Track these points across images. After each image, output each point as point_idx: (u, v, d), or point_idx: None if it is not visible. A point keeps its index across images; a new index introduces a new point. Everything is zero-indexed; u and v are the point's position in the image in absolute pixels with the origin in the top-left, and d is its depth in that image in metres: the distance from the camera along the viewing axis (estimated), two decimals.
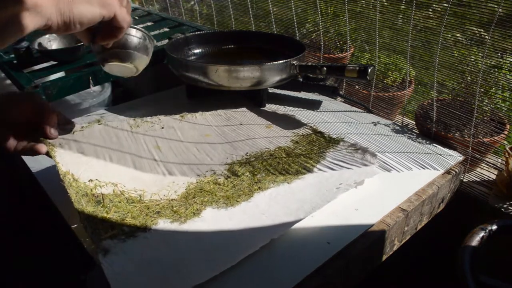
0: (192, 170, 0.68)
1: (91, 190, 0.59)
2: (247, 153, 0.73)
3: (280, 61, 0.83)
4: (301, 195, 0.62)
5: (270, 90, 0.98)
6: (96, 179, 0.61)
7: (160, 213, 0.59)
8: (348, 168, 0.67)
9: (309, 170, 0.68)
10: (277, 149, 0.74)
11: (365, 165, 0.67)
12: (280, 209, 0.59)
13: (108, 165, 0.66)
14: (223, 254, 0.52)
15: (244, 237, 0.55)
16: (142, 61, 0.59)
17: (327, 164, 0.69)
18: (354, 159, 0.69)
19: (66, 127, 0.67)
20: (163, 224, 0.57)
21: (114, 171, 0.65)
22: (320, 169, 0.68)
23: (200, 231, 0.56)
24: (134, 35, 0.57)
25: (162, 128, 0.78)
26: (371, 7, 0.86)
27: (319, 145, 0.75)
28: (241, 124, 0.83)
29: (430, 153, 0.77)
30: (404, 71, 0.92)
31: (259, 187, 0.64)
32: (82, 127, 0.71)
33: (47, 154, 0.61)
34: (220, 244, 0.54)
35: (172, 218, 0.58)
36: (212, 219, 0.58)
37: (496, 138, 0.76)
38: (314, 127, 0.81)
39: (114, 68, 0.59)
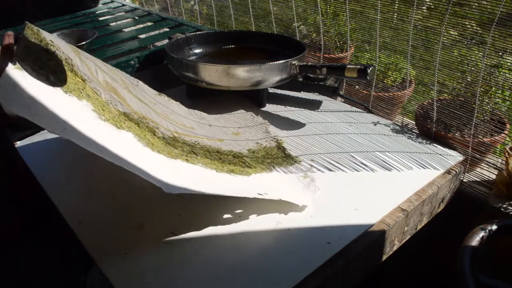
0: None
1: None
2: (196, 141, 0.69)
3: (280, 61, 0.83)
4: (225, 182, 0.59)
5: (270, 90, 0.98)
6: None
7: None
8: (285, 190, 0.63)
9: (246, 174, 0.64)
10: (227, 151, 0.70)
11: (300, 197, 0.63)
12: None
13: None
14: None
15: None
16: None
17: (272, 179, 0.65)
18: (294, 183, 0.66)
19: None
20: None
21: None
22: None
23: None
24: None
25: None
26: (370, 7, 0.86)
27: (274, 159, 0.71)
28: (210, 126, 0.82)
29: (430, 153, 0.77)
30: (404, 71, 0.92)
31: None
32: None
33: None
34: None
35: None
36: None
37: (496, 138, 0.76)
38: (280, 141, 0.77)
39: None
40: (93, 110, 0.52)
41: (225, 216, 0.62)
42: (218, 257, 0.54)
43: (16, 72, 0.47)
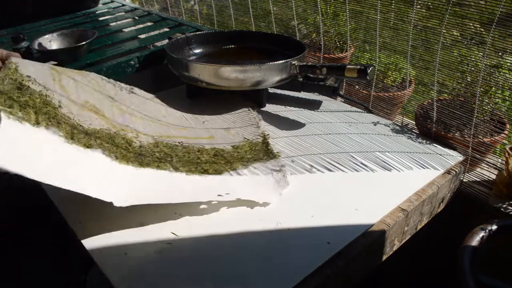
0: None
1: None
2: (180, 142, 0.73)
3: (280, 61, 0.83)
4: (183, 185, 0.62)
5: (270, 90, 0.98)
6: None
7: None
8: (248, 189, 0.64)
9: (219, 173, 0.66)
10: (209, 149, 0.72)
11: (265, 195, 0.64)
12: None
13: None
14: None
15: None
16: None
17: (242, 177, 0.67)
18: (263, 180, 0.67)
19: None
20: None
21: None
22: (231, 175, 0.67)
23: None
24: None
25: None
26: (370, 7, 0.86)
27: (254, 154, 0.72)
28: (203, 122, 0.85)
29: (430, 153, 0.77)
30: (404, 71, 0.92)
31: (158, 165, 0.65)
32: None
33: None
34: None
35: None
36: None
37: (496, 138, 0.76)
38: (266, 136, 0.78)
39: None
40: (61, 135, 0.56)
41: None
42: (218, 257, 0.54)
43: None
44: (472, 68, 0.75)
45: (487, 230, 0.61)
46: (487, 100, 0.78)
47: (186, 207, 0.63)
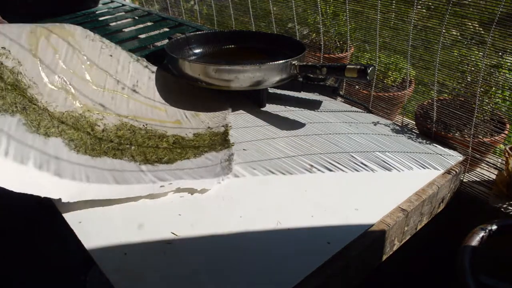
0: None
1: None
2: (145, 124, 0.76)
3: (280, 61, 0.83)
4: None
5: (270, 90, 0.98)
6: None
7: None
8: (190, 177, 0.66)
9: (171, 162, 0.68)
10: (170, 136, 0.75)
11: (208, 181, 0.66)
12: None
13: None
14: None
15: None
16: None
17: (189, 165, 0.69)
18: (209, 169, 0.69)
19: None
20: None
21: None
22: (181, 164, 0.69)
23: None
24: None
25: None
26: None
27: (211, 144, 0.75)
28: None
29: (430, 153, 0.77)
30: (404, 71, 0.92)
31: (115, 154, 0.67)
32: None
33: None
34: None
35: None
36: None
37: (496, 138, 0.76)
38: (228, 127, 0.80)
39: None
40: (24, 123, 0.56)
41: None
42: (218, 257, 0.54)
43: None
44: (472, 68, 0.75)
45: (487, 230, 0.61)
46: (487, 100, 0.78)
47: (188, 207, 0.63)
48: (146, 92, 0.85)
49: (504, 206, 0.72)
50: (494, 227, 0.62)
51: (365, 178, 0.69)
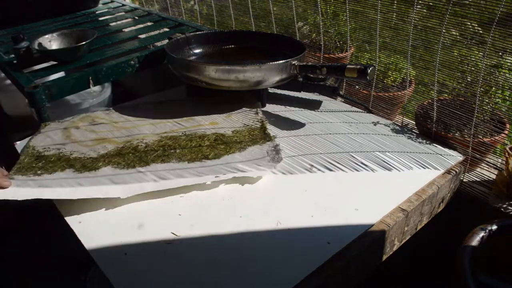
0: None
1: None
2: (184, 131, 0.81)
3: (280, 61, 0.83)
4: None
5: (270, 90, 0.98)
6: None
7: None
8: (243, 170, 0.69)
9: (218, 157, 0.72)
10: (210, 134, 0.79)
11: (259, 169, 0.69)
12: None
13: None
14: None
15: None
16: None
17: (239, 158, 0.72)
18: (258, 160, 0.72)
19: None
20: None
21: None
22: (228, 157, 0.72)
23: None
24: None
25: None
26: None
27: (252, 139, 0.78)
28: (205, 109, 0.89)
29: (430, 153, 0.77)
30: (404, 71, 0.92)
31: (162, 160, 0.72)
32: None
33: None
34: None
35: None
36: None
37: (496, 138, 0.76)
38: (264, 122, 0.84)
39: None
40: (74, 171, 0.69)
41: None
42: (218, 257, 0.54)
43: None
44: (472, 68, 0.75)
45: (487, 230, 0.61)
46: (487, 100, 0.78)
47: (188, 207, 0.63)
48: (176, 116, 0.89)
49: (504, 206, 0.72)
50: (494, 227, 0.62)
51: (365, 178, 0.69)
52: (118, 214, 0.62)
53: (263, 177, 0.69)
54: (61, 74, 0.94)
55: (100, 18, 1.37)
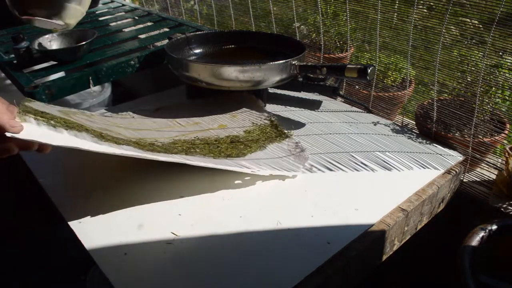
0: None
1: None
2: (195, 136, 0.77)
3: (280, 61, 0.83)
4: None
5: (270, 90, 0.98)
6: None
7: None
8: (272, 167, 0.68)
9: (242, 156, 0.71)
10: (225, 137, 0.77)
11: (291, 169, 0.69)
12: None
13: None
14: None
15: None
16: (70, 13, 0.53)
17: (264, 156, 0.71)
18: (285, 159, 0.71)
19: None
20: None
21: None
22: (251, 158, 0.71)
23: None
24: None
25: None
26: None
27: (267, 137, 0.78)
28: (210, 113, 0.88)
29: (430, 153, 0.77)
30: (404, 71, 0.92)
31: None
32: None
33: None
34: None
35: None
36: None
37: (496, 138, 0.76)
38: (273, 119, 0.84)
39: (38, 22, 0.54)
40: (93, 137, 0.60)
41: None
42: (218, 257, 0.54)
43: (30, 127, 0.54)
44: (472, 68, 0.75)
45: (487, 230, 0.61)
46: (487, 100, 0.78)
47: (188, 207, 0.63)
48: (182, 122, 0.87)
49: (504, 206, 0.72)
50: (494, 227, 0.62)
51: (365, 178, 0.69)
52: (118, 214, 0.62)
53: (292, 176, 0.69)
54: (61, 74, 0.94)
55: (100, 18, 1.37)
